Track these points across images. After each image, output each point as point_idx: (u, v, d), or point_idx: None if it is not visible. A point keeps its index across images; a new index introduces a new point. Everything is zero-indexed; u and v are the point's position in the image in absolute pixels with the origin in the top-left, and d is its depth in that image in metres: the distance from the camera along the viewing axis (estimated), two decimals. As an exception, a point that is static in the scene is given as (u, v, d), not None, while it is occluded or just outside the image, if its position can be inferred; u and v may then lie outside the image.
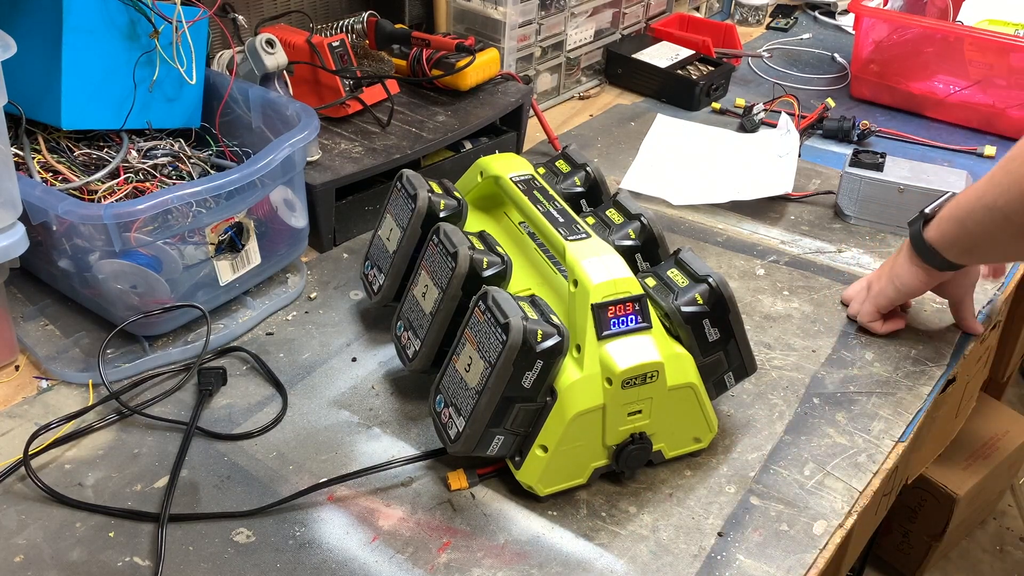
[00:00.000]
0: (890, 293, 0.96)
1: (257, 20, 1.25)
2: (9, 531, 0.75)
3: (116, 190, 0.94)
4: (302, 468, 0.81)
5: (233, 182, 0.87)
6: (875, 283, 0.99)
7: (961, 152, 1.38)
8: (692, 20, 1.68)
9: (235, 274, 0.94)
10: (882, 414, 0.89)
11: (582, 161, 0.97)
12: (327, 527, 0.76)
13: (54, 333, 0.95)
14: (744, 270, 1.10)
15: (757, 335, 0.99)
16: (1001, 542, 1.98)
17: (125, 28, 0.95)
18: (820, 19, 1.89)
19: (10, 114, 0.92)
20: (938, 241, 0.90)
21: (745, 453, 0.85)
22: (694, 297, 0.78)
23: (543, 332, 0.72)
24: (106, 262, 0.85)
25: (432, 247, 0.84)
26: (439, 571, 0.73)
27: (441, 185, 0.93)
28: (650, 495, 0.80)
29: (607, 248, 0.78)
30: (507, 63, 1.34)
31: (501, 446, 0.76)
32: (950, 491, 1.61)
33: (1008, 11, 1.59)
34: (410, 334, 0.86)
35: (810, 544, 0.76)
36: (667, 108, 1.49)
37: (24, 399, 0.88)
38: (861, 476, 0.82)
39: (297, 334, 0.97)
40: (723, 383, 0.83)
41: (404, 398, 0.89)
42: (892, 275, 0.96)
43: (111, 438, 0.84)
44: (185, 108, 1.04)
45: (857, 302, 1.01)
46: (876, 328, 0.98)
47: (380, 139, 1.14)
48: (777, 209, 1.22)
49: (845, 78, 1.60)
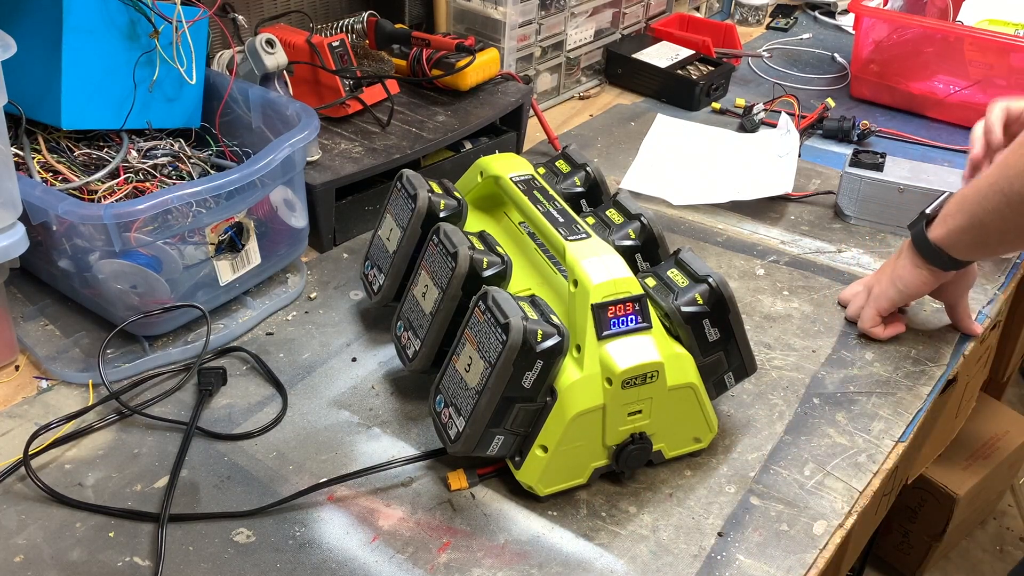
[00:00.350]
0: (892, 295, 0.96)
1: (257, 20, 1.25)
2: (9, 531, 0.75)
3: (116, 190, 0.94)
4: (302, 468, 0.81)
5: (233, 182, 0.87)
6: (875, 286, 0.98)
7: (961, 152, 1.38)
8: (692, 20, 1.68)
9: (235, 274, 0.94)
10: (882, 414, 0.89)
11: (582, 161, 0.97)
12: (327, 527, 0.76)
13: (54, 333, 0.95)
14: (744, 270, 1.10)
15: (757, 335, 0.99)
16: (1001, 542, 1.98)
17: (125, 28, 0.95)
18: (820, 19, 1.89)
19: (10, 114, 0.92)
20: (944, 239, 0.90)
21: (745, 453, 0.85)
22: (694, 297, 0.78)
23: (543, 332, 0.72)
24: (106, 262, 0.85)
25: (432, 247, 0.84)
26: (439, 571, 0.73)
27: (441, 185, 0.93)
28: (650, 495, 0.80)
29: (607, 248, 0.78)
30: (507, 63, 1.34)
31: (501, 446, 0.76)
32: (950, 491, 1.61)
33: (1008, 11, 1.59)
34: (410, 334, 0.86)
35: (810, 544, 0.76)
36: (667, 108, 1.49)
37: (24, 399, 0.88)
38: (861, 476, 0.82)
39: (297, 334, 0.97)
40: (723, 383, 0.83)
41: (404, 398, 0.89)
42: (894, 277, 0.96)
43: (111, 438, 0.84)
44: (185, 108, 1.04)
45: (855, 305, 1.00)
46: (877, 334, 0.98)
47: (380, 139, 1.14)
48: (777, 209, 1.22)
49: (845, 78, 1.60)
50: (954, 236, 0.89)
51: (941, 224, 0.90)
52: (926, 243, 0.91)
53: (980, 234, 0.87)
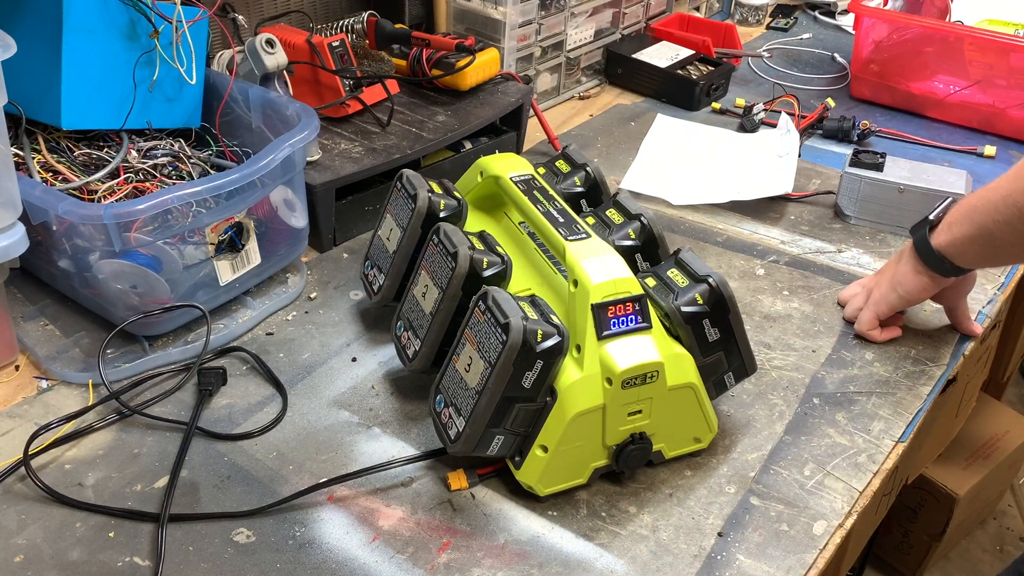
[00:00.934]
0: (892, 300, 0.96)
1: (257, 20, 1.25)
2: (9, 531, 0.75)
3: (116, 190, 0.94)
4: (302, 468, 0.81)
5: (233, 182, 0.87)
6: (875, 290, 0.98)
7: (961, 152, 1.38)
8: (692, 20, 1.68)
9: (235, 274, 0.94)
10: (882, 414, 0.89)
11: (582, 161, 0.97)
12: (327, 527, 0.76)
13: (54, 333, 0.95)
14: (744, 270, 1.10)
15: (757, 335, 0.99)
16: (1001, 542, 1.98)
17: (125, 28, 0.95)
18: (820, 19, 1.89)
19: (10, 114, 0.92)
20: (948, 247, 0.89)
21: (745, 453, 0.85)
22: (694, 297, 0.78)
23: (543, 332, 0.72)
24: (106, 262, 0.85)
25: (432, 247, 0.84)
26: (439, 571, 0.73)
27: (441, 185, 0.93)
28: (650, 495, 0.80)
29: (607, 248, 0.78)
30: (507, 63, 1.34)
31: (501, 446, 0.76)
32: (950, 491, 1.61)
33: (1008, 11, 1.59)
34: (410, 334, 0.86)
35: (810, 544, 0.76)
36: (667, 108, 1.49)
37: (24, 399, 0.88)
38: (861, 476, 0.82)
39: (297, 334, 0.97)
40: (723, 383, 0.83)
41: (404, 398, 0.89)
42: (894, 282, 0.95)
43: (111, 438, 0.84)
44: (185, 108, 1.04)
45: (854, 307, 1.00)
46: (875, 336, 0.98)
47: (380, 139, 1.14)
48: (777, 209, 1.22)
49: (845, 78, 1.60)
50: (960, 245, 0.88)
51: (946, 231, 0.89)
52: (929, 249, 0.90)
53: (988, 245, 0.86)
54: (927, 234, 0.91)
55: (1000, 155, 1.37)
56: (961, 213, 0.88)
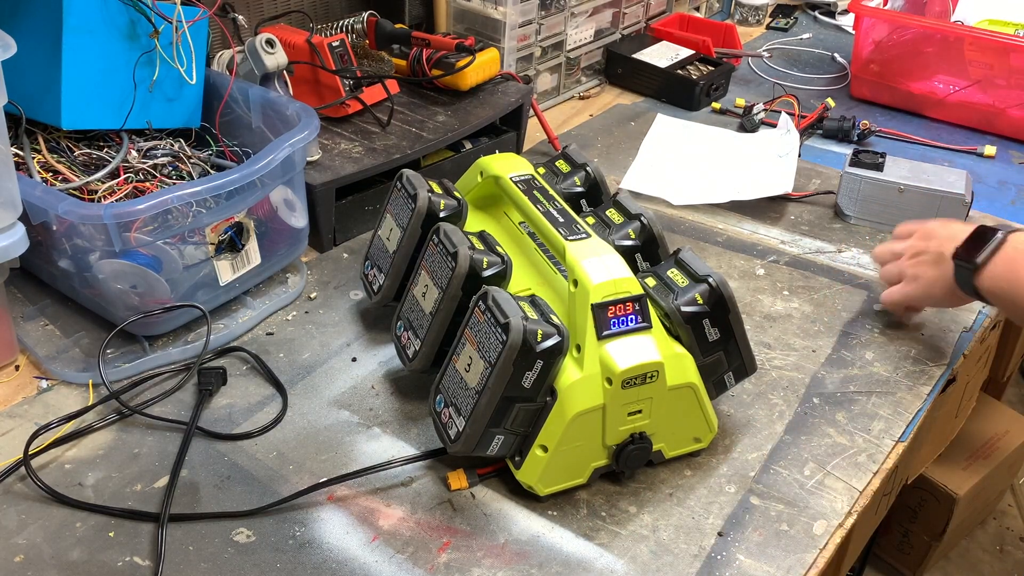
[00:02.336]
0: (924, 301, 0.97)
1: (257, 20, 1.25)
2: (9, 531, 0.75)
3: (116, 190, 0.94)
4: (302, 468, 0.81)
5: (233, 182, 0.87)
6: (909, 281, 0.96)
7: (961, 152, 1.38)
8: (692, 20, 1.68)
9: (235, 274, 0.94)
10: (882, 414, 0.89)
11: (582, 161, 0.97)
12: (327, 527, 0.76)
13: (54, 333, 0.95)
14: (744, 270, 1.10)
15: (757, 335, 0.99)
16: (1001, 542, 1.98)
17: (125, 28, 0.95)
18: (820, 19, 1.89)
19: (10, 114, 0.92)
20: (991, 294, 0.88)
21: (745, 453, 0.85)
22: (694, 297, 0.78)
23: (543, 332, 0.72)
24: (106, 262, 0.85)
25: (432, 247, 0.84)
26: (439, 571, 0.73)
27: (441, 185, 0.93)
28: (650, 495, 0.80)
29: (607, 248, 0.78)
30: (507, 63, 1.34)
31: (501, 446, 0.76)
32: (950, 491, 1.61)
33: (1008, 11, 1.59)
34: (410, 334, 0.86)
35: (810, 544, 0.76)
36: (667, 108, 1.49)
37: (24, 399, 0.88)
38: (861, 476, 0.82)
39: (297, 334, 0.97)
40: (723, 383, 0.83)
41: (404, 398, 0.89)
42: (928, 292, 0.94)
43: (111, 438, 0.84)
44: (185, 108, 1.04)
45: (891, 273, 0.99)
46: (899, 314, 1.00)
47: (380, 139, 1.14)
48: (777, 209, 1.22)
49: (845, 78, 1.60)
50: (1002, 300, 0.87)
51: (990, 280, 0.87)
52: (970, 286, 0.89)
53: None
54: (971, 275, 0.88)
55: (1000, 155, 1.37)
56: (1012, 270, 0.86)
